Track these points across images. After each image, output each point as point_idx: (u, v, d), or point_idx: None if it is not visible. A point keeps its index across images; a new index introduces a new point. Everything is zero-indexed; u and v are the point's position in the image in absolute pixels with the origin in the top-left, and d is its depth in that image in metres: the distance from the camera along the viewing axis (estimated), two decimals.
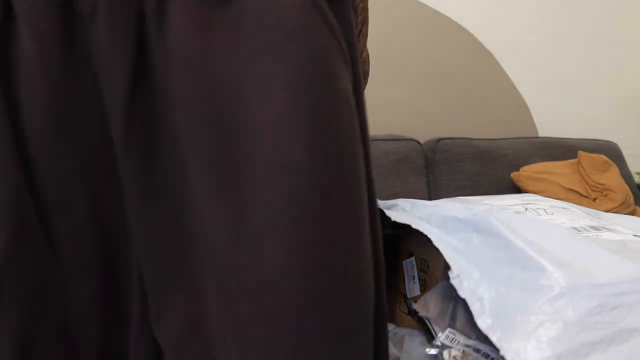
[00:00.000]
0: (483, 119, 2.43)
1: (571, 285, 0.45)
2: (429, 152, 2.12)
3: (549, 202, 0.65)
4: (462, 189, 2.06)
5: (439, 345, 0.47)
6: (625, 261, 0.48)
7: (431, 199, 1.98)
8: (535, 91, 2.48)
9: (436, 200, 0.65)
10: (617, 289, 0.45)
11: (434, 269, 0.59)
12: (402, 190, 1.99)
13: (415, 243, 0.62)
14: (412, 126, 2.30)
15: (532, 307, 0.45)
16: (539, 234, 0.53)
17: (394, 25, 2.29)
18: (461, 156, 2.11)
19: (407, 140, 2.10)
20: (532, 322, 0.44)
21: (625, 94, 2.59)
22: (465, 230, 0.57)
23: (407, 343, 0.53)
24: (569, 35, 2.49)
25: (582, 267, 0.48)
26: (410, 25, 2.31)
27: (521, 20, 2.43)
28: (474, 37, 2.37)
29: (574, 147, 2.25)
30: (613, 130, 2.55)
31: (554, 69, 2.50)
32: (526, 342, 0.43)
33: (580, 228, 0.57)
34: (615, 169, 2.15)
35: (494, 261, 0.51)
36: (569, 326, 0.43)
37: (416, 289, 0.62)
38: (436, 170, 2.10)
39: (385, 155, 2.02)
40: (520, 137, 2.30)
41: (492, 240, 0.54)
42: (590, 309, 0.44)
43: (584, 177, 2.08)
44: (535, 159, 2.16)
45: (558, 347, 0.42)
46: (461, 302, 0.50)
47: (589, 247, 0.51)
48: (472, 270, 0.51)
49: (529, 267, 0.49)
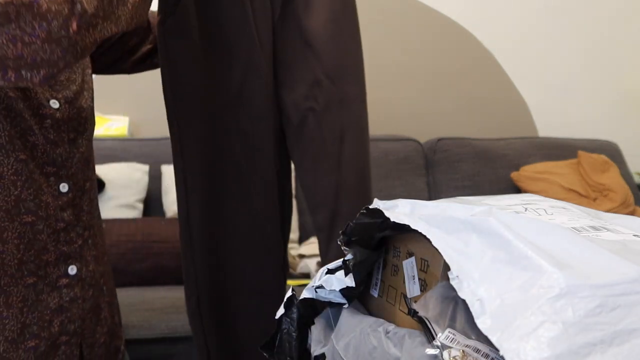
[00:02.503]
0: (483, 119, 2.43)
1: (571, 286, 0.45)
2: (429, 152, 2.12)
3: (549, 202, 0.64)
4: (462, 189, 2.06)
5: (439, 346, 0.47)
6: (625, 261, 0.48)
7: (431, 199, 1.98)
8: (535, 91, 2.49)
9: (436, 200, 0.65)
10: (617, 289, 0.45)
11: (434, 269, 0.59)
12: (402, 190, 1.99)
13: (415, 243, 0.62)
14: (412, 126, 2.30)
15: (531, 308, 0.45)
16: (539, 234, 0.53)
17: (394, 25, 2.29)
18: (461, 156, 2.11)
19: (407, 140, 2.10)
20: (532, 323, 0.44)
21: (625, 94, 2.59)
22: (465, 230, 0.57)
23: (407, 343, 0.53)
24: (569, 35, 2.49)
25: (582, 268, 0.48)
26: (410, 26, 2.31)
27: (521, 20, 2.43)
28: (474, 37, 2.37)
29: (574, 147, 2.24)
30: (613, 130, 2.54)
31: (554, 69, 2.50)
32: (526, 342, 0.43)
33: (580, 228, 0.57)
34: (615, 169, 2.15)
35: (494, 261, 0.51)
36: (569, 327, 0.43)
37: (416, 289, 0.62)
38: (436, 170, 2.10)
39: (385, 155, 2.02)
40: (520, 137, 2.30)
41: (492, 241, 0.53)
42: (590, 310, 0.44)
43: (584, 177, 2.08)
44: (535, 159, 2.16)
45: (558, 348, 0.42)
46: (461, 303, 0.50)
47: (589, 248, 0.51)
48: (471, 271, 0.51)
49: (529, 267, 0.49)
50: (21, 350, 0.73)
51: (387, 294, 0.70)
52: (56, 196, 0.77)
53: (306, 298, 0.74)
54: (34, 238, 0.75)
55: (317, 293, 0.73)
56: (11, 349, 0.73)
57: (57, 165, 0.78)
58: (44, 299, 0.76)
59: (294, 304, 0.76)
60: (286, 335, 0.76)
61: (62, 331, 0.78)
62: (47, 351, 0.76)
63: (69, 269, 0.79)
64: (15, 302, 0.73)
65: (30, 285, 0.74)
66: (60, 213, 0.78)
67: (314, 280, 0.74)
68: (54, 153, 0.77)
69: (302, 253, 1.71)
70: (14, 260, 0.73)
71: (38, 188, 0.75)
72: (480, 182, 2.08)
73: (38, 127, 0.75)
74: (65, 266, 0.78)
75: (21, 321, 0.73)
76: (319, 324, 0.75)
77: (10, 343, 0.73)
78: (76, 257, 0.80)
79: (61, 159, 0.78)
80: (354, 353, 0.63)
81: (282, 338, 0.76)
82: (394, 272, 0.68)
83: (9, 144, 0.71)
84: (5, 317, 0.72)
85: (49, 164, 0.77)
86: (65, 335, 0.78)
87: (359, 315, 0.68)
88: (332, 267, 0.73)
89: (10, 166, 0.72)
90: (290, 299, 0.76)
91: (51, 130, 0.76)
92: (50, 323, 0.76)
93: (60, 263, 0.78)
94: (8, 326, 0.73)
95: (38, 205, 0.75)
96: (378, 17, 2.27)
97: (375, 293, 0.72)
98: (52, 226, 0.77)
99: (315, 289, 0.73)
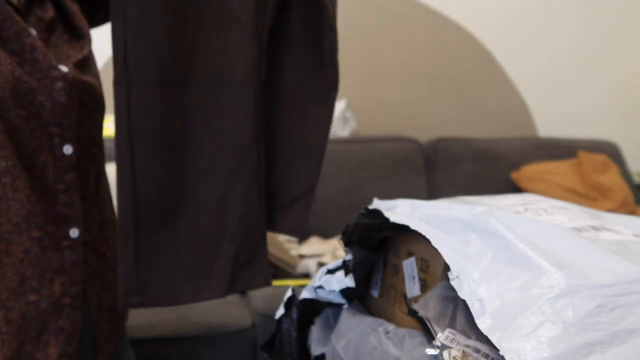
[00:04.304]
0: (483, 119, 2.43)
1: (571, 286, 0.45)
2: (429, 152, 2.12)
3: (549, 202, 0.65)
4: (462, 189, 2.05)
5: (439, 346, 0.47)
6: (625, 262, 0.48)
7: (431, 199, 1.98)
8: (535, 91, 2.48)
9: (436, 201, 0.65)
10: (616, 289, 0.45)
11: (434, 269, 0.59)
12: (402, 190, 1.99)
13: (415, 243, 0.62)
14: (412, 126, 2.30)
15: (532, 308, 0.45)
16: (539, 235, 0.53)
17: (394, 26, 2.29)
18: (461, 156, 2.11)
19: (407, 141, 2.10)
20: (532, 323, 0.44)
21: (625, 94, 2.59)
22: (465, 230, 0.57)
23: (407, 343, 0.53)
24: (569, 35, 2.49)
25: (582, 268, 0.48)
26: (410, 26, 2.31)
27: (521, 20, 2.43)
28: (474, 37, 2.37)
29: (574, 147, 2.24)
30: (613, 130, 2.54)
31: (554, 68, 2.50)
32: (526, 342, 0.43)
33: (580, 228, 0.57)
34: (615, 169, 2.15)
35: (494, 262, 0.51)
36: (569, 327, 0.43)
37: (416, 289, 0.62)
38: (436, 170, 2.10)
39: (385, 155, 2.02)
40: (520, 137, 2.30)
41: (492, 241, 0.53)
42: (590, 310, 0.44)
43: (584, 177, 2.08)
44: (535, 159, 2.16)
45: (558, 348, 0.42)
46: (461, 303, 0.50)
47: (589, 248, 0.51)
48: (471, 271, 0.51)
49: (529, 267, 0.49)
50: (22, 302, 0.75)
51: (387, 294, 0.70)
52: (58, 157, 0.78)
53: (306, 298, 0.74)
54: (39, 194, 0.76)
55: (317, 293, 0.73)
56: (12, 298, 0.74)
57: (64, 127, 0.78)
58: (47, 256, 0.77)
59: (294, 304, 0.76)
60: (286, 335, 0.76)
61: (65, 292, 0.78)
62: (49, 310, 0.77)
63: (70, 232, 0.79)
64: (16, 252, 0.75)
65: (36, 239, 0.76)
66: (62, 174, 0.78)
67: (314, 280, 0.74)
68: (62, 115, 0.78)
69: (302, 253, 1.71)
70: (23, 211, 0.75)
71: (37, 147, 0.76)
72: (480, 182, 2.08)
73: (48, 89, 0.76)
74: (65, 228, 0.79)
75: (20, 272, 0.75)
76: (319, 324, 0.75)
77: (12, 292, 0.74)
78: (78, 220, 0.80)
79: (69, 122, 0.79)
80: (354, 353, 0.63)
81: (282, 338, 0.77)
82: (394, 272, 0.68)
83: (11, 99, 0.73)
84: (5, 265, 0.74)
85: (55, 125, 0.77)
86: (67, 297, 0.79)
87: (359, 316, 0.68)
88: (332, 267, 0.73)
89: (10, 122, 0.73)
90: (290, 299, 0.76)
91: (62, 93, 0.77)
92: (51, 282, 0.77)
93: (60, 224, 0.79)
94: (9, 274, 0.74)
95: (33, 164, 0.76)
96: (378, 17, 2.27)
97: (376, 293, 0.72)
98: (49, 186, 0.78)
99: (315, 289, 0.73)
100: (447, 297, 0.52)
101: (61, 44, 0.83)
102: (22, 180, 0.75)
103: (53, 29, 0.83)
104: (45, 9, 0.83)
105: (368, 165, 1.97)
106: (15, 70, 0.74)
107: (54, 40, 0.83)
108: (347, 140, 2.01)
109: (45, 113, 0.76)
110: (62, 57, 0.81)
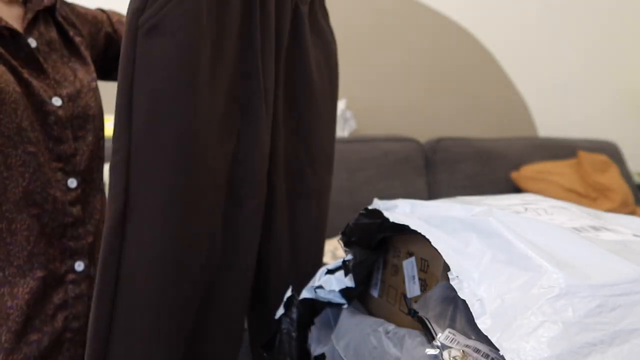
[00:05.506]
0: (483, 119, 2.43)
1: (571, 286, 0.45)
2: (429, 152, 2.12)
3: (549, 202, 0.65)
4: (462, 189, 2.06)
5: (439, 346, 0.47)
6: (625, 262, 0.48)
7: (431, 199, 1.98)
8: (535, 91, 2.48)
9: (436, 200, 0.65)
10: (616, 289, 0.45)
11: (434, 269, 0.59)
12: (402, 190, 1.99)
13: (415, 243, 0.62)
14: (412, 126, 2.30)
15: (532, 308, 0.45)
16: (539, 235, 0.53)
17: (394, 26, 2.29)
18: (461, 156, 2.11)
19: (407, 140, 2.10)
20: (532, 323, 0.44)
21: (625, 94, 2.59)
22: (465, 230, 0.57)
23: (407, 343, 0.53)
24: (569, 35, 2.49)
25: (582, 268, 0.48)
26: (410, 26, 2.31)
27: (521, 20, 2.43)
28: (474, 37, 2.37)
29: (574, 147, 2.25)
30: (613, 130, 2.55)
31: (554, 69, 2.50)
32: (526, 342, 0.43)
33: (580, 228, 0.57)
34: (615, 169, 2.15)
35: (494, 262, 0.51)
36: (569, 327, 0.43)
37: (416, 289, 0.62)
38: (436, 170, 2.10)
39: (385, 155, 2.02)
40: (520, 137, 2.30)
41: (491, 241, 0.53)
42: (590, 310, 0.44)
43: (584, 177, 2.08)
44: (535, 159, 2.16)
45: (558, 348, 0.42)
46: (461, 303, 0.50)
47: (589, 248, 0.51)
48: (471, 271, 0.51)
49: (529, 267, 0.49)
50: (23, 344, 0.74)
51: (387, 294, 0.70)
52: (65, 191, 0.78)
53: (306, 298, 0.74)
54: (42, 231, 0.76)
55: (317, 293, 0.73)
56: (14, 341, 0.73)
57: (64, 161, 0.78)
58: (49, 293, 0.76)
59: (294, 304, 0.76)
60: (286, 335, 0.76)
61: (67, 327, 0.78)
62: (50, 346, 0.76)
63: (76, 265, 0.79)
64: (21, 294, 0.74)
65: (40, 279, 0.75)
66: (68, 208, 0.78)
67: (314, 280, 0.74)
68: (59, 149, 0.78)
69: None
70: (24, 252, 0.74)
71: (47, 181, 0.76)
72: (480, 182, 2.08)
73: (40, 123, 0.76)
74: (71, 262, 0.79)
75: (25, 313, 0.74)
76: (319, 324, 0.75)
77: (14, 334, 0.73)
78: (84, 253, 0.80)
79: (66, 155, 0.79)
80: (354, 353, 0.63)
81: (282, 338, 0.76)
82: (394, 272, 0.68)
83: (17, 136, 0.72)
84: (9, 307, 0.73)
85: (55, 160, 0.78)
86: (69, 332, 0.78)
87: (359, 315, 0.68)
88: (332, 267, 0.73)
89: (18, 157, 0.73)
90: (290, 299, 0.76)
91: (55, 127, 0.77)
92: (53, 317, 0.77)
93: (66, 258, 0.78)
94: (12, 317, 0.73)
95: (45, 199, 0.75)
96: (378, 17, 2.27)
97: (376, 293, 0.72)
98: (59, 220, 0.77)
99: (315, 289, 0.73)
100: (447, 297, 0.52)
101: (61, 65, 0.82)
102: (18, 222, 0.74)
103: (54, 48, 0.82)
104: (48, 29, 0.82)
105: (368, 165, 1.97)
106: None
107: (54, 57, 0.82)
108: (347, 140, 2.01)
109: (46, 149, 0.76)
110: (57, 87, 0.80)
